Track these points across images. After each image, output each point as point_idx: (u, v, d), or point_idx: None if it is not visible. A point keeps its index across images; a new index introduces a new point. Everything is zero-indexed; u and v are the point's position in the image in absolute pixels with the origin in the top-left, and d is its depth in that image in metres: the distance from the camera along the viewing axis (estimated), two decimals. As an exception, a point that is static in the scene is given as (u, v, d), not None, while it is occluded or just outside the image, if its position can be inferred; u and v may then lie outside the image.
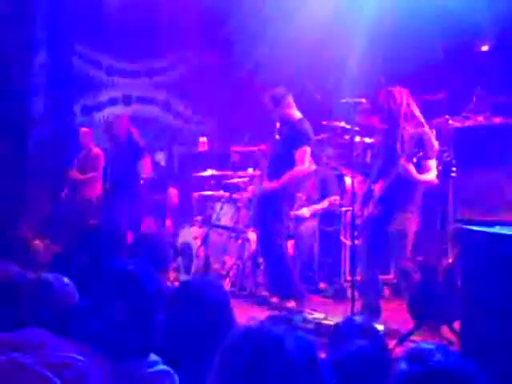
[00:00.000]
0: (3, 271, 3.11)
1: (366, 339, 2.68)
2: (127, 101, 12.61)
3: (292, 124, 6.91)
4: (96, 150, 9.71)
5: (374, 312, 5.84)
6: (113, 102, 12.53)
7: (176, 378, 2.21)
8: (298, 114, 6.96)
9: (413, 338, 5.37)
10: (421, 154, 5.54)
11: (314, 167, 7.21)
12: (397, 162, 5.69)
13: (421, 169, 5.69)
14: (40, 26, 11.76)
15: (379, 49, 8.58)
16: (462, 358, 1.68)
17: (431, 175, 5.77)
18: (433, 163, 5.78)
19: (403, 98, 5.86)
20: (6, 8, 11.22)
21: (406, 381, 1.66)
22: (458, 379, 1.66)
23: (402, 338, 5.33)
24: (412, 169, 5.62)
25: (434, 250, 5.65)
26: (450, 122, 6.63)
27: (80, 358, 1.93)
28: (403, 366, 1.71)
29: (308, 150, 6.86)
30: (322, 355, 1.79)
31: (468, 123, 7.18)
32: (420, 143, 5.68)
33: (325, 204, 8.01)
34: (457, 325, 5.00)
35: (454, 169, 5.63)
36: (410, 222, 5.85)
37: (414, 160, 5.56)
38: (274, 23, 9.61)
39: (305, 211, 7.91)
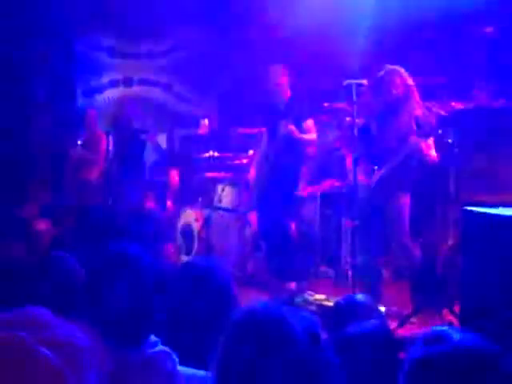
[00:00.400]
0: (7, 251, 3.13)
1: (367, 318, 2.69)
2: (128, 83, 12.58)
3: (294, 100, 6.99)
4: (99, 132, 9.69)
5: (374, 295, 5.85)
6: (114, 84, 12.50)
7: (176, 358, 2.22)
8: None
9: (413, 320, 5.40)
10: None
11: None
12: (403, 141, 5.71)
13: None
14: (40, 9, 11.73)
15: (383, 33, 8.56)
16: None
17: (433, 153, 5.81)
18: (431, 142, 5.84)
19: (406, 77, 5.89)
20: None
21: (427, 362, 1.61)
22: (480, 356, 1.61)
23: (403, 320, 5.36)
24: (423, 146, 5.66)
25: (436, 232, 5.66)
26: (453, 103, 6.62)
27: (80, 336, 1.94)
28: (421, 348, 1.64)
29: (312, 122, 6.96)
30: (324, 335, 1.80)
31: (469, 106, 7.17)
32: (417, 122, 5.72)
33: (325, 185, 8.02)
34: (457, 307, 5.02)
35: (455, 150, 5.63)
36: (406, 200, 5.89)
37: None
38: (276, 6, 9.58)
39: (302, 191, 7.90)
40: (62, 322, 1.94)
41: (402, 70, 5.94)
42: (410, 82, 5.92)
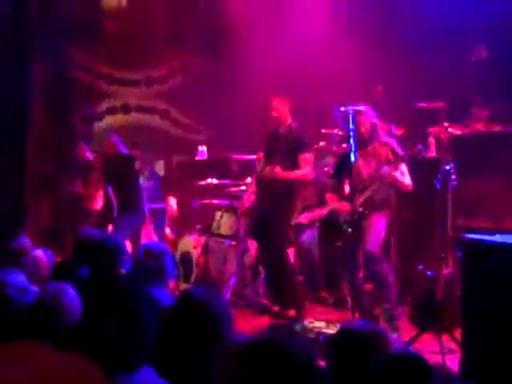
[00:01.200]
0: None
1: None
2: (126, 110, 12.62)
3: (293, 130, 6.99)
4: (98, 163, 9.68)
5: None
6: (112, 111, 12.55)
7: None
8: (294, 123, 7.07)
9: (414, 345, 5.37)
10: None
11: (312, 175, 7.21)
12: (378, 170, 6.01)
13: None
14: (39, 35, 11.78)
15: (378, 57, 8.61)
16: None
17: (407, 179, 6.05)
18: (404, 168, 6.04)
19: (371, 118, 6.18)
20: (4, 21, 11.26)
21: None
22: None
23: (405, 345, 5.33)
24: (397, 175, 5.95)
25: (434, 259, 5.66)
26: (449, 129, 6.65)
27: None
28: None
29: (311, 156, 6.97)
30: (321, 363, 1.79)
31: (467, 131, 7.20)
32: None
33: (324, 211, 8.02)
34: (457, 333, 5.00)
35: (453, 177, 5.63)
36: (380, 217, 6.14)
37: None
38: (273, 32, 9.64)
39: (302, 218, 7.92)
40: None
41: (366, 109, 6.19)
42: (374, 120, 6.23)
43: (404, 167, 6.05)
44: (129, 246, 7.88)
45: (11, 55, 11.47)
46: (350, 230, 6.01)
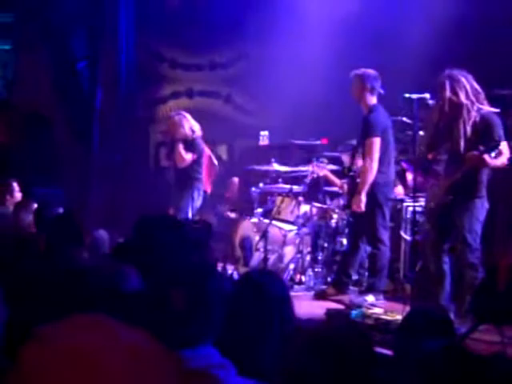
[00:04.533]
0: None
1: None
2: (190, 94, 12.73)
3: (369, 109, 6.94)
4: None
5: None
6: (176, 95, 12.67)
7: (232, 370, 2.24)
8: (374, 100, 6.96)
9: (473, 335, 5.32)
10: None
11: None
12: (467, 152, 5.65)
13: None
14: (105, 18, 11.98)
15: (444, 39, 8.49)
16: None
17: (503, 159, 5.62)
18: (504, 146, 5.61)
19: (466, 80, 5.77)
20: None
21: None
22: None
23: (464, 335, 5.27)
24: (487, 158, 5.51)
25: (501, 246, 5.58)
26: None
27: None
28: None
29: (377, 140, 6.80)
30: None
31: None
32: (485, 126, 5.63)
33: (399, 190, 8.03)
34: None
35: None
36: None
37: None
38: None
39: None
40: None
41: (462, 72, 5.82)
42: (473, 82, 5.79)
43: (503, 144, 5.61)
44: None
45: (82, 37, 11.72)
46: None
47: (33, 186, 9.35)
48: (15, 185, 7.98)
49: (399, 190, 8.06)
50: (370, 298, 6.77)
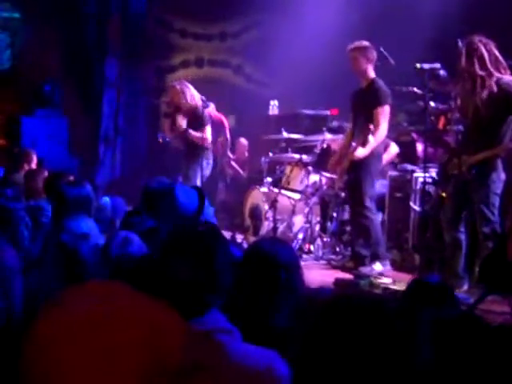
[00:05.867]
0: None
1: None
2: (200, 63, 12.69)
3: (372, 81, 6.95)
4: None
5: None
6: (186, 64, 12.64)
7: (238, 335, 2.25)
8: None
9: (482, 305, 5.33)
10: None
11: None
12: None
13: None
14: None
15: (458, 10, 8.43)
16: None
17: None
18: None
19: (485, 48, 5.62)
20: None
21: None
22: None
23: (472, 305, 5.28)
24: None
25: (508, 218, 5.55)
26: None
27: None
28: None
29: (388, 108, 6.85)
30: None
31: None
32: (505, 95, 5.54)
33: (393, 150, 8.04)
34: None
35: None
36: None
37: None
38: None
39: None
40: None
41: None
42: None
43: None
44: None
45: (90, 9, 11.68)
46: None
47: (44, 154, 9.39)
48: (34, 155, 8.03)
49: (394, 149, 8.08)
50: (378, 267, 6.79)
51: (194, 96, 8.28)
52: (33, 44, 11.70)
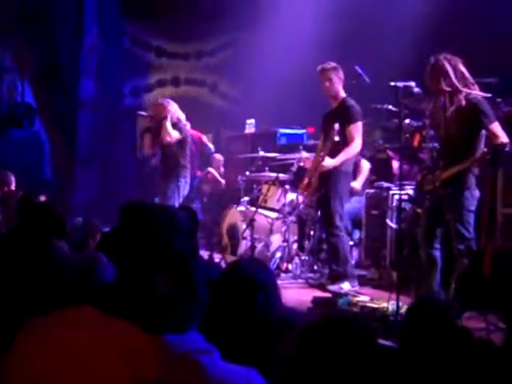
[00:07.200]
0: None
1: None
2: (176, 82, 12.71)
3: (343, 100, 7.00)
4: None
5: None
6: (162, 83, 12.65)
7: (217, 354, 2.25)
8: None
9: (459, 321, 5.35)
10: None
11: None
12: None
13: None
14: (90, 7, 11.92)
15: (431, 29, 8.51)
16: None
17: (504, 138, 5.50)
18: (496, 126, 5.53)
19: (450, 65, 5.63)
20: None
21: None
22: None
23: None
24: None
25: (483, 235, 5.58)
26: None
27: None
28: None
29: (360, 125, 6.92)
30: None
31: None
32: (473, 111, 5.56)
33: (365, 168, 8.10)
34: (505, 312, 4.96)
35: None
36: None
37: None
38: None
39: (356, 184, 7.89)
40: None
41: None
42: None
43: (496, 126, 5.54)
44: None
45: (67, 23, 11.63)
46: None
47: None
48: (12, 177, 7.94)
49: (366, 165, 8.17)
50: (346, 286, 6.80)
51: (178, 114, 8.34)
52: (6, 65, 11.65)
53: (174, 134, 8.18)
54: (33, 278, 2.96)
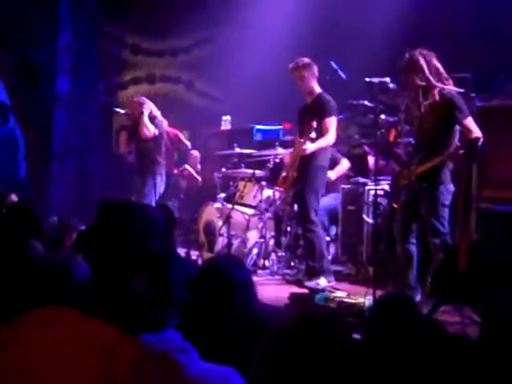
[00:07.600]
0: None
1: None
2: (151, 79, 12.66)
3: (319, 95, 7.01)
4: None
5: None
6: (137, 81, 12.60)
7: (195, 353, 2.24)
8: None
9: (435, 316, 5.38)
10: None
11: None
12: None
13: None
14: (65, 5, 11.84)
15: (405, 24, 8.54)
16: None
17: (478, 133, 5.53)
18: (470, 121, 5.58)
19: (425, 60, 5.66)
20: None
21: None
22: None
23: (425, 316, 5.33)
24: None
25: (458, 229, 5.61)
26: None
27: None
28: None
29: (335, 119, 6.93)
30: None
31: (494, 103, 7.05)
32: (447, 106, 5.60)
33: (344, 165, 8.11)
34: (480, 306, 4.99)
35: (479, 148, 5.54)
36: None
37: None
38: None
39: (331, 174, 7.86)
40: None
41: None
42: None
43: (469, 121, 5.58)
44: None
45: (42, 22, 11.54)
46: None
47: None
48: None
49: (345, 164, 8.18)
50: (323, 282, 6.80)
51: (154, 111, 8.34)
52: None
53: (152, 129, 8.17)
54: (7, 279, 2.94)
